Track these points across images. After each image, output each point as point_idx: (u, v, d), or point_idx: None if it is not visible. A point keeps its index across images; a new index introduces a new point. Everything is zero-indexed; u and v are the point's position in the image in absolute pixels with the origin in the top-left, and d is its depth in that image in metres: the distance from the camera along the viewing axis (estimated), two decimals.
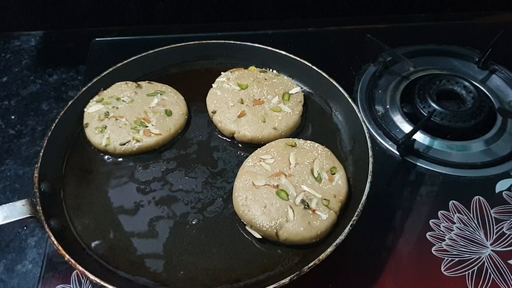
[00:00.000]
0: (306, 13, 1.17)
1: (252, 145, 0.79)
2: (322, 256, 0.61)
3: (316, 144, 0.77)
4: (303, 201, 0.68)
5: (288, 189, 0.70)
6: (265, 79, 0.87)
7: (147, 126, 0.80)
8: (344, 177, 0.73)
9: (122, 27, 1.14)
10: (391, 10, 1.18)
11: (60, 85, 1.02)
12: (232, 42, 0.92)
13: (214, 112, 0.83)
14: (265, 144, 0.79)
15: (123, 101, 0.83)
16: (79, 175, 0.76)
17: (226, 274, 0.65)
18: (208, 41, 0.92)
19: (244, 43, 0.91)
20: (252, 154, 0.76)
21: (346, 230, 0.63)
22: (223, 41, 0.92)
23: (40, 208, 0.66)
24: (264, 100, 0.84)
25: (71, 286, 0.69)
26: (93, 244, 0.67)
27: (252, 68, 0.90)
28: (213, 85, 0.87)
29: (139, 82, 0.87)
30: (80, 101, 0.82)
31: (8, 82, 1.03)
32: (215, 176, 0.76)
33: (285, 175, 0.71)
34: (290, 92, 0.85)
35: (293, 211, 0.67)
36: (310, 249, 0.67)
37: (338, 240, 0.62)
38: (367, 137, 0.74)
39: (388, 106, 0.94)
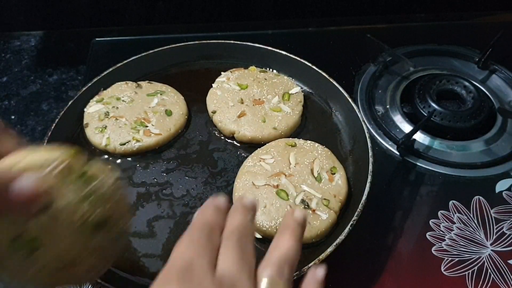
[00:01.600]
0: (306, 13, 1.17)
1: (252, 145, 0.79)
2: (322, 256, 0.61)
3: (316, 144, 0.77)
4: (303, 201, 0.68)
5: (288, 189, 0.70)
6: (265, 79, 0.87)
7: (147, 126, 0.80)
8: (344, 177, 0.73)
9: (122, 27, 1.14)
10: (391, 10, 1.18)
11: (60, 85, 1.02)
12: (232, 42, 0.92)
13: (214, 112, 0.83)
14: (265, 144, 0.79)
15: (123, 101, 0.83)
16: None
17: None
18: (208, 41, 0.92)
19: (244, 43, 0.92)
20: (252, 154, 0.76)
21: (346, 230, 0.63)
22: (223, 41, 0.92)
23: None
24: (264, 100, 0.84)
25: (71, 286, 0.69)
26: None
27: (252, 68, 0.90)
28: (213, 85, 0.87)
29: (139, 82, 0.87)
30: (80, 101, 0.82)
31: (8, 82, 1.03)
32: (215, 176, 0.76)
33: (285, 175, 0.71)
34: (290, 92, 0.85)
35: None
36: (310, 249, 0.67)
37: (338, 240, 0.62)
38: (367, 137, 0.74)
39: (388, 106, 0.94)
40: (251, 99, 0.84)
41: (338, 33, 1.12)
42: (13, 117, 0.96)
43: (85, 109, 0.82)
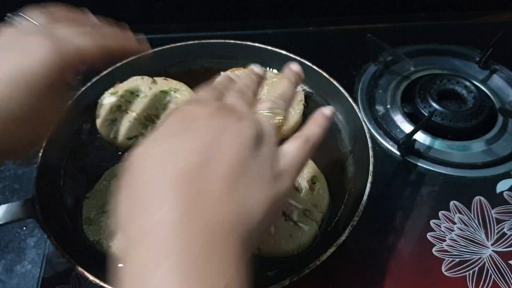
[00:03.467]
0: (306, 13, 1.17)
1: None
2: (323, 256, 0.60)
3: None
4: (284, 213, 0.67)
5: None
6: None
7: (156, 123, 0.80)
8: (325, 186, 0.71)
9: None
10: (392, 9, 1.17)
11: None
12: (231, 41, 0.92)
13: None
14: None
15: (136, 95, 0.84)
16: (79, 175, 0.76)
17: None
18: (207, 41, 0.92)
19: (244, 42, 0.91)
20: None
21: (347, 230, 0.63)
22: (222, 41, 0.92)
23: (39, 208, 0.65)
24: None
25: (71, 286, 0.69)
26: (93, 244, 0.67)
27: None
28: None
29: (155, 78, 0.87)
30: (80, 101, 0.82)
31: None
32: None
33: None
34: None
35: (273, 224, 0.65)
36: (292, 258, 0.66)
37: (338, 241, 0.62)
38: (368, 138, 0.73)
39: (388, 106, 0.93)
40: None
41: (338, 33, 1.12)
42: None
43: (99, 100, 0.83)
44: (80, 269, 0.60)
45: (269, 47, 0.90)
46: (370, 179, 0.68)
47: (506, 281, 0.69)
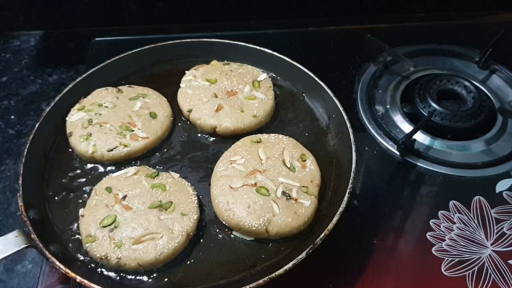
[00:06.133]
0: (306, 13, 1.17)
1: (235, 137, 0.78)
2: (330, 226, 0.63)
3: (281, 136, 0.77)
4: (284, 192, 0.69)
5: (267, 184, 0.70)
6: (231, 71, 0.87)
7: (133, 130, 0.78)
8: (315, 162, 0.74)
9: (122, 27, 1.14)
10: (392, 9, 1.18)
11: (59, 85, 1.02)
12: (186, 40, 0.91)
13: (190, 111, 0.82)
14: (248, 133, 0.79)
15: (105, 107, 0.81)
16: (63, 196, 0.72)
17: (241, 262, 0.65)
18: (163, 43, 0.91)
19: (201, 39, 0.91)
20: (221, 158, 0.74)
21: (345, 197, 0.65)
22: (178, 41, 0.91)
23: (36, 236, 0.62)
24: (237, 91, 0.84)
25: (71, 286, 0.69)
26: (100, 261, 0.64)
27: (214, 62, 0.89)
28: (181, 85, 0.86)
29: (119, 87, 0.85)
30: (47, 123, 0.78)
31: (8, 82, 1.03)
32: (209, 176, 0.74)
33: (260, 172, 0.71)
34: (258, 79, 0.86)
35: (277, 204, 0.67)
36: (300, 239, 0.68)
37: (340, 209, 0.64)
38: (342, 110, 0.76)
39: (388, 106, 0.93)
40: (224, 91, 0.84)
41: (338, 33, 1.12)
42: (12, 117, 0.96)
43: (67, 118, 0.79)
44: (93, 285, 0.58)
45: (226, 41, 0.90)
46: (354, 147, 0.70)
47: (505, 281, 0.69)
